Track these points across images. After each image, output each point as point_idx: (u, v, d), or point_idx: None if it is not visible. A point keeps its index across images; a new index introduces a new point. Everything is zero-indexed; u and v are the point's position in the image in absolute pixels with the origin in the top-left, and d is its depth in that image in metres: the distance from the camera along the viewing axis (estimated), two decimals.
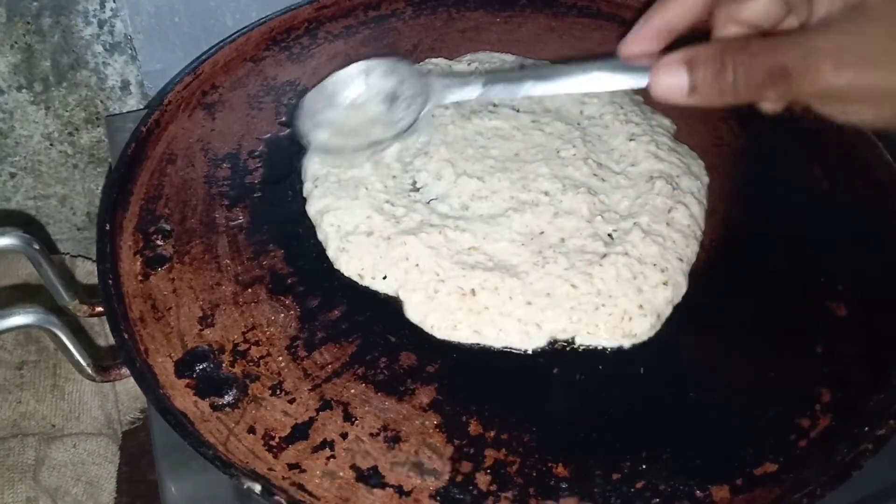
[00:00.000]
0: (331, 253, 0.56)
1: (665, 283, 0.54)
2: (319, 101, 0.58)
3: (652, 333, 0.52)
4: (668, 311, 0.53)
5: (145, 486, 0.78)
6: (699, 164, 0.63)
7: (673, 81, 0.45)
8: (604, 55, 0.50)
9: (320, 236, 0.58)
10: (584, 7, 0.79)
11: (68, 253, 0.92)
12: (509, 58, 0.72)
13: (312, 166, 0.61)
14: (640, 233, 0.56)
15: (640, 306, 0.52)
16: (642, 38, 0.50)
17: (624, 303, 0.52)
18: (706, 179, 0.62)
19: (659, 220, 0.57)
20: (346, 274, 0.55)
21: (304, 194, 0.60)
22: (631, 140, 0.62)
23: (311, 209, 0.59)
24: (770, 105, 0.47)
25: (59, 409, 0.75)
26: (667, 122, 0.66)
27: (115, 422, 0.79)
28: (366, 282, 0.55)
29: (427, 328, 0.52)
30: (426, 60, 0.71)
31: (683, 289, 0.55)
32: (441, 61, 0.71)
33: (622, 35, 0.51)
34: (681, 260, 0.55)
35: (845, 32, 0.41)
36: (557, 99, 0.67)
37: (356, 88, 0.58)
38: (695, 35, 0.48)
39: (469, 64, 0.70)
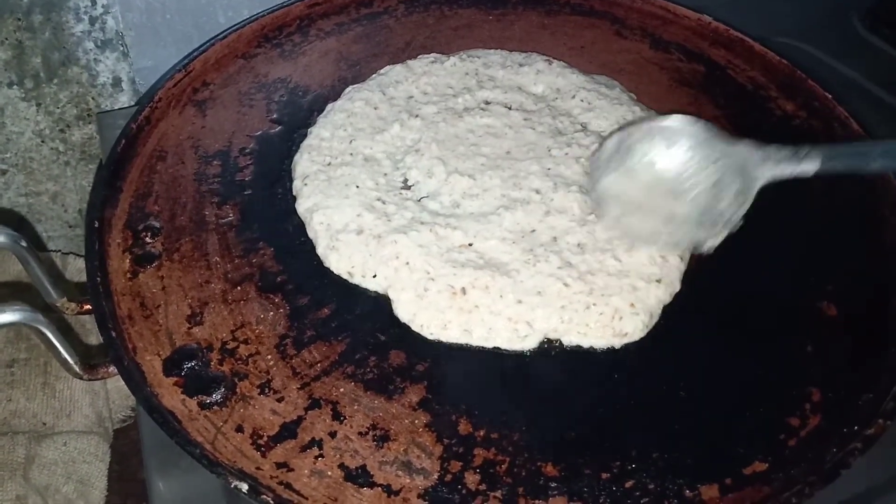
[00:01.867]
0: (320, 251, 0.56)
1: (659, 281, 0.53)
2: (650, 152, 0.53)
3: (643, 333, 0.52)
4: (659, 310, 0.53)
5: (136, 485, 0.78)
6: None
7: None
8: None
9: (310, 234, 0.57)
10: (577, 5, 0.79)
11: (59, 250, 0.92)
12: (503, 54, 0.71)
13: (302, 164, 0.61)
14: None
15: (632, 305, 0.52)
16: None
17: (616, 302, 0.52)
18: None
19: None
20: (335, 272, 0.55)
21: (294, 192, 0.60)
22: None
23: (301, 207, 0.59)
24: None
25: (49, 407, 0.75)
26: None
27: (107, 420, 0.78)
28: (355, 280, 0.55)
29: (416, 327, 0.52)
30: (419, 56, 0.71)
31: (677, 288, 0.54)
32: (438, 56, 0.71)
33: (615, 33, 0.51)
34: (680, 258, 0.55)
35: None
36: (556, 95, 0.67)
37: (684, 166, 0.52)
38: None
39: (462, 59, 0.70)
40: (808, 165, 0.50)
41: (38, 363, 0.78)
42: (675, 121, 0.53)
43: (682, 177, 0.52)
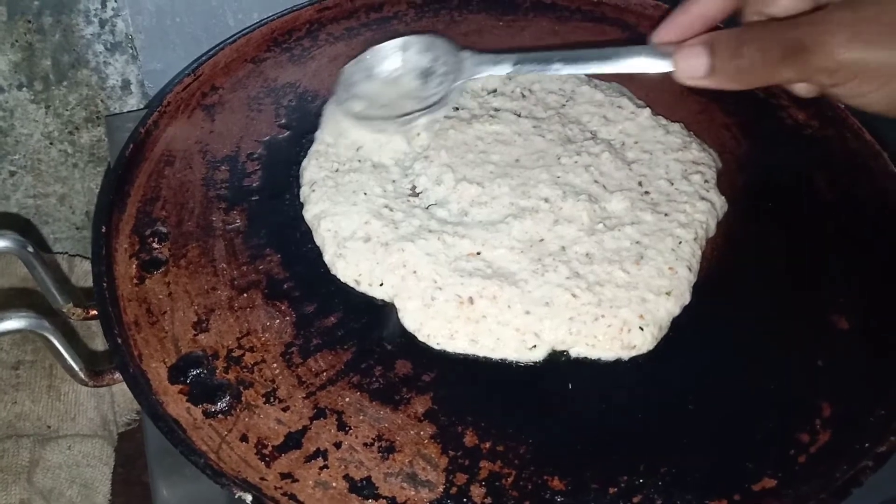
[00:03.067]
0: (327, 258, 0.56)
1: (668, 294, 0.53)
2: (357, 73, 0.61)
3: (652, 346, 0.52)
4: (668, 323, 0.53)
5: (141, 488, 0.78)
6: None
7: (693, 63, 0.47)
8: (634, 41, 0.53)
9: (317, 241, 0.57)
10: (588, 11, 0.79)
11: (66, 252, 0.92)
12: None
13: (309, 170, 0.61)
14: (642, 245, 0.55)
15: (641, 317, 0.52)
16: (676, 26, 0.52)
17: (625, 314, 0.52)
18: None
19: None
20: (342, 280, 0.55)
21: (302, 199, 0.60)
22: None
23: (308, 214, 0.58)
24: (800, 89, 0.48)
25: (54, 411, 0.75)
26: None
27: (111, 423, 0.78)
28: (362, 288, 0.54)
29: (422, 337, 0.52)
30: None
31: (686, 300, 0.54)
32: None
33: (626, 40, 0.51)
34: (689, 269, 0.55)
35: (862, 8, 0.42)
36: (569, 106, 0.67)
37: (393, 63, 0.61)
38: None
39: None
40: (502, 67, 0.57)
41: (44, 366, 0.78)
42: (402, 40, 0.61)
43: (402, 68, 0.61)
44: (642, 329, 0.51)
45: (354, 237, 0.56)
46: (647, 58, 0.52)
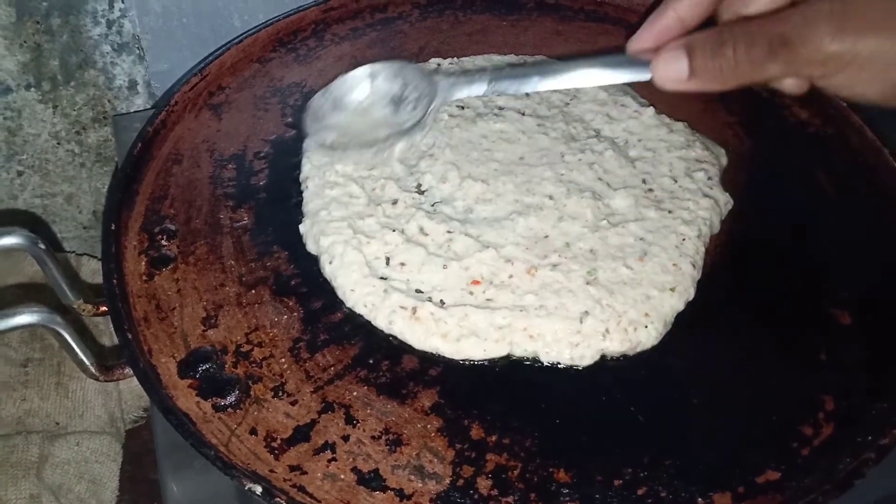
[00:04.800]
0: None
1: (672, 290, 0.53)
2: (325, 104, 0.59)
3: (656, 341, 0.52)
4: (672, 318, 0.53)
5: (148, 485, 0.78)
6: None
7: (673, 66, 0.45)
8: (610, 51, 0.52)
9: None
10: (591, 11, 0.79)
11: (74, 251, 0.93)
12: (513, 60, 0.72)
13: (309, 169, 0.61)
14: (646, 241, 0.56)
15: (647, 314, 0.52)
16: (650, 34, 0.50)
17: (629, 310, 0.52)
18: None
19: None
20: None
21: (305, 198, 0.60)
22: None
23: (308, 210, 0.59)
24: (788, 85, 0.47)
25: (62, 408, 0.76)
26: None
27: (119, 420, 0.79)
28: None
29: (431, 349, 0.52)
30: (430, 60, 0.72)
31: (691, 296, 0.54)
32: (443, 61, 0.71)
33: (628, 39, 0.51)
34: (693, 266, 0.55)
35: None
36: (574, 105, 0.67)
37: (362, 91, 0.59)
38: None
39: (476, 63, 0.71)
40: (477, 87, 0.55)
41: (52, 363, 0.78)
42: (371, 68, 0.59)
43: (372, 97, 0.59)
44: (647, 326, 0.52)
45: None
46: (624, 68, 0.50)
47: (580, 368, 0.51)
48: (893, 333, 0.53)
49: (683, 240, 0.56)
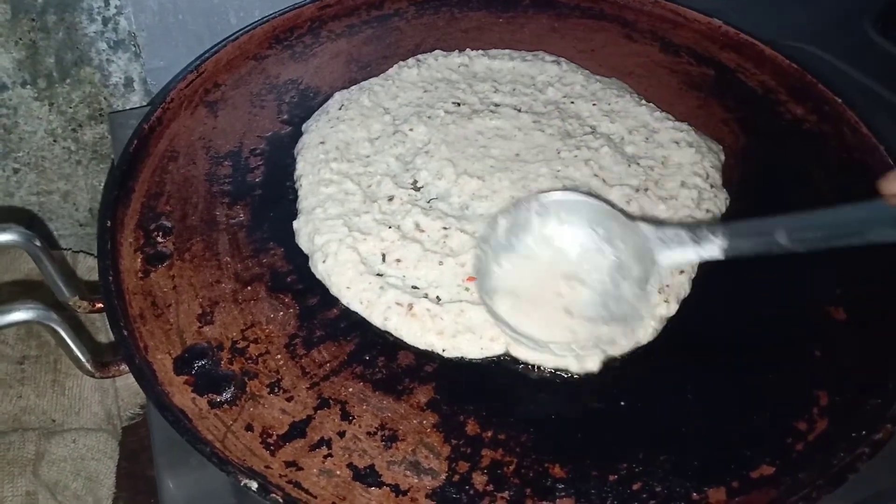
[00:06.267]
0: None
1: (666, 301, 0.53)
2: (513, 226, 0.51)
3: (652, 337, 0.52)
4: (668, 316, 0.53)
5: (144, 482, 0.78)
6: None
7: None
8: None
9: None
10: (587, 8, 0.79)
11: (70, 248, 0.92)
12: (512, 54, 0.72)
13: (303, 166, 0.61)
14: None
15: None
16: None
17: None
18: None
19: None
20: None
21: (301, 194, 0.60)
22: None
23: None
24: None
25: (59, 405, 0.76)
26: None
27: (115, 417, 0.79)
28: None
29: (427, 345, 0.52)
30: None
31: (686, 292, 0.54)
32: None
33: (625, 36, 0.51)
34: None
35: None
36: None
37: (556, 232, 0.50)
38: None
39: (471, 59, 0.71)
40: (708, 250, 0.46)
41: (49, 360, 0.78)
42: (570, 196, 0.50)
43: (579, 258, 0.49)
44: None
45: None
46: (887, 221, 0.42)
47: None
48: (887, 330, 0.53)
49: None
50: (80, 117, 0.86)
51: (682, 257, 0.47)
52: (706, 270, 0.56)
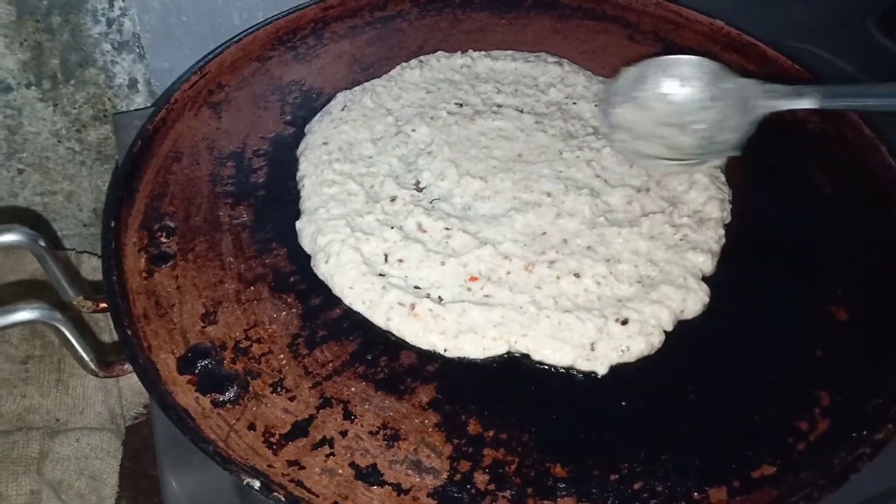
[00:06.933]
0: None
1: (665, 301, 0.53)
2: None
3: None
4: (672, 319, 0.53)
5: (147, 482, 0.79)
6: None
7: None
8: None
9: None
10: (590, 9, 0.80)
11: (74, 249, 0.93)
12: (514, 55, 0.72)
13: (306, 167, 0.62)
14: (643, 239, 0.56)
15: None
16: None
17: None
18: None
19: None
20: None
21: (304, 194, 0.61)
22: None
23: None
24: None
25: (63, 404, 0.76)
26: None
27: (119, 417, 0.79)
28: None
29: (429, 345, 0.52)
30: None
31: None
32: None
33: (627, 37, 0.51)
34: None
35: None
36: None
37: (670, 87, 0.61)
38: None
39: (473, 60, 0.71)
40: (807, 101, 0.55)
41: (53, 360, 0.79)
42: (688, 59, 0.60)
43: (688, 112, 0.60)
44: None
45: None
46: None
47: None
48: (889, 329, 0.53)
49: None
50: (85, 118, 0.87)
51: (779, 104, 0.57)
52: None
